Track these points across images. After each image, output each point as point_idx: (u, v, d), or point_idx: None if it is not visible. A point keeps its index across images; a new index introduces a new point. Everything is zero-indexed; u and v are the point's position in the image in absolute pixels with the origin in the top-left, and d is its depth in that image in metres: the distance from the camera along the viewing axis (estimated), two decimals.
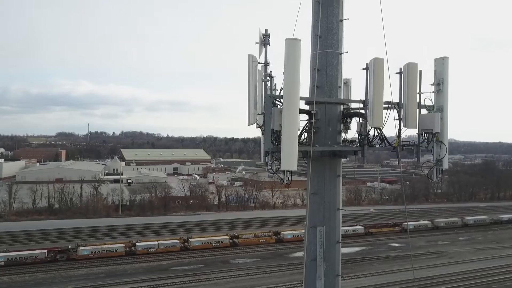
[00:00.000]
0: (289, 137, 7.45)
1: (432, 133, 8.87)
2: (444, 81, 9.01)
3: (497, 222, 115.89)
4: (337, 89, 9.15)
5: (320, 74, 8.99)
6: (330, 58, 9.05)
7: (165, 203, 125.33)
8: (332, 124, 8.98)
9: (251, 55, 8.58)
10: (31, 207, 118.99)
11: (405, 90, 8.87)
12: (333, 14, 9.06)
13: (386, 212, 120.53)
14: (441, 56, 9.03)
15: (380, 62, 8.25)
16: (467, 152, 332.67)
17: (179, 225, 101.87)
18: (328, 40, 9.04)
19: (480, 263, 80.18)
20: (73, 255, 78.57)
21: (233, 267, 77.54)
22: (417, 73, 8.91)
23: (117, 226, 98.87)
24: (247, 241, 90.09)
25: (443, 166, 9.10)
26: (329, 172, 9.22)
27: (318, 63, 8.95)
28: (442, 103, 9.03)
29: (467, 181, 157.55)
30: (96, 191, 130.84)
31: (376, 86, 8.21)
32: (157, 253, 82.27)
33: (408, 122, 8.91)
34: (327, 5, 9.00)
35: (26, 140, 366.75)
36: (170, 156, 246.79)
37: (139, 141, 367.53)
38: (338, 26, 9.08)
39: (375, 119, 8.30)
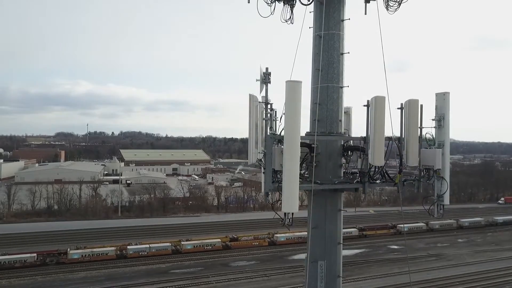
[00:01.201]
0: (290, 179, 7.39)
1: (434, 169, 8.85)
2: (445, 116, 8.97)
3: (492, 224, 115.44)
4: (337, 122, 9.12)
5: (321, 108, 8.96)
6: (330, 92, 9.02)
7: (164, 205, 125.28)
8: (333, 158, 8.95)
9: (252, 95, 8.56)
10: (30, 209, 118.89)
11: (406, 127, 8.83)
12: (334, 48, 9.03)
13: (385, 213, 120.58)
14: (442, 92, 8.99)
15: (381, 100, 8.22)
16: (466, 152, 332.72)
17: (178, 227, 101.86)
18: (328, 73, 9.01)
19: (479, 266, 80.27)
20: (62, 259, 77.81)
21: (232, 270, 77.53)
22: (418, 110, 8.88)
23: (116, 228, 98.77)
24: (240, 244, 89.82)
25: (444, 202, 9.07)
26: (330, 207, 9.19)
27: (318, 97, 8.93)
28: (443, 139, 8.99)
29: (466, 182, 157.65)
30: (95, 192, 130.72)
31: (378, 124, 8.17)
32: (148, 256, 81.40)
33: (409, 159, 8.88)
34: (328, 39, 8.97)
35: (25, 140, 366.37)
36: (169, 156, 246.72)
37: (138, 141, 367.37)
38: (338, 60, 9.05)
39: (376, 158, 8.27)
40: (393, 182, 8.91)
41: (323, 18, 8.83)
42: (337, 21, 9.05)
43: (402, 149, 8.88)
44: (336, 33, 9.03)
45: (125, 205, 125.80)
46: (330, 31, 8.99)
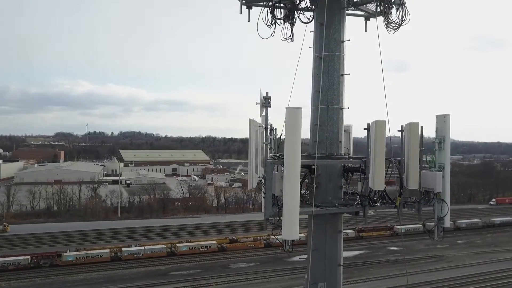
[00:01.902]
0: (290, 206, 7.35)
1: (434, 192, 8.81)
2: (445, 139, 8.94)
3: (489, 225, 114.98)
4: (337, 144, 9.09)
5: (321, 130, 8.94)
6: (330, 113, 8.99)
7: (164, 205, 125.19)
8: (333, 180, 8.93)
9: (252, 120, 8.52)
10: (29, 209, 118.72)
11: (406, 150, 8.79)
12: (334, 69, 9.00)
13: (385, 214, 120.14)
14: (443, 113, 8.95)
15: (382, 125, 8.19)
16: (466, 152, 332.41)
17: (178, 228, 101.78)
18: (328, 95, 8.98)
19: (479, 267, 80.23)
20: (56, 261, 77.30)
21: (232, 272, 77.52)
22: (419, 132, 8.84)
23: (116, 230, 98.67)
24: (236, 246, 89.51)
25: (444, 225, 9.04)
26: (330, 228, 9.16)
27: (319, 119, 8.89)
28: (444, 161, 8.96)
29: (466, 183, 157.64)
30: (94, 193, 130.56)
31: (378, 148, 8.14)
32: (143, 258, 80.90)
33: (409, 182, 8.85)
34: (328, 60, 8.94)
35: (24, 140, 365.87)
36: (169, 157, 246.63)
37: (138, 141, 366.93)
38: (339, 81, 9.02)
39: (377, 183, 8.24)
40: (394, 205, 8.89)
41: (324, 39, 8.79)
42: (337, 42, 9.02)
43: (403, 172, 8.85)
44: (336, 54, 9.00)
45: (124, 206, 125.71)
46: (330, 52, 8.96)
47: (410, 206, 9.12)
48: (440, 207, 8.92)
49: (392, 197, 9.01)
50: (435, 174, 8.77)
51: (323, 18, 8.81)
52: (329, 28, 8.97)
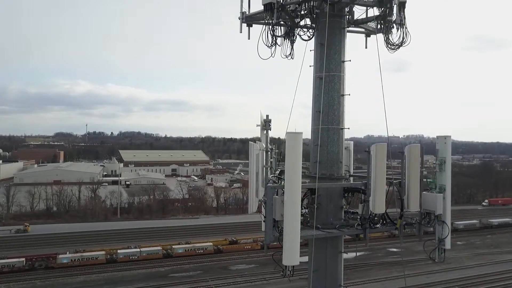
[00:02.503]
0: (291, 231, 7.32)
1: (435, 214, 8.78)
2: (446, 160, 8.91)
3: (487, 226, 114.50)
4: (338, 164, 9.06)
5: (322, 150, 8.90)
6: (331, 133, 8.96)
7: (164, 206, 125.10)
8: (333, 200, 8.89)
9: (252, 143, 8.49)
10: (29, 210, 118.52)
11: (407, 172, 8.76)
12: (334, 90, 8.96)
13: None
14: (444, 135, 8.92)
15: (382, 148, 8.16)
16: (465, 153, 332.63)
17: (178, 229, 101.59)
18: (329, 115, 8.94)
19: (479, 269, 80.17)
20: (51, 264, 76.81)
21: (231, 274, 77.47)
22: (419, 155, 8.82)
23: (115, 231, 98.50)
24: (232, 247, 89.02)
25: (445, 246, 9.01)
26: (331, 249, 9.12)
27: (319, 139, 8.85)
28: (444, 183, 8.94)
29: (465, 183, 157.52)
30: (94, 194, 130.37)
31: (378, 172, 8.12)
32: (139, 260, 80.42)
33: (410, 204, 8.82)
34: (329, 80, 8.90)
35: (24, 140, 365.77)
36: (169, 157, 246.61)
37: (137, 141, 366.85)
38: (339, 101, 8.99)
39: (377, 206, 8.22)
40: (395, 226, 8.86)
41: (324, 60, 8.76)
42: (338, 62, 8.98)
43: (403, 194, 8.82)
44: (337, 75, 8.96)
45: (124, 207, 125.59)
46: (330, 73, 8.92)
47: (411, 228, 9.09)
48: (441, 229, 8.89)
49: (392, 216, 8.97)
50: (436, 196, 8.74)
51: (323, 38, 8.77)
52: (330, 48, 8.93)
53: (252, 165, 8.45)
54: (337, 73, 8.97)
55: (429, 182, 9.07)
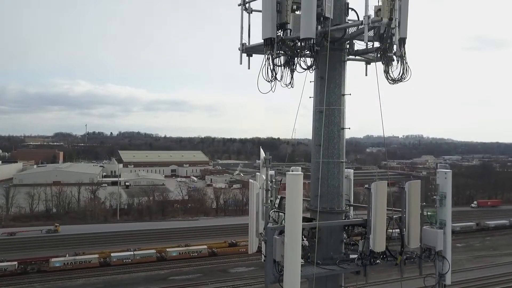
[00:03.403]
0: (291, 273, 7.29)
1: (435, 250, 8.74)
2: (446, 195, 8.88)
3: (484, 228, 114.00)
4: (339, 198, 9.02)
5: (322, 184, 8.86)
6: (331, 167, 8.93)
7: (163, 208, 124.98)
8: (334, 234, 8.86)
9: (252, 182, 8.45)
10: (28, 212, 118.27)
11: (407, 208, 8.73)
12: (334, 123, 8.93)
13: None
14: (444, 170, 8.88)
15: (383, 186, 8.13)
16: (465, 153, 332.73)
17: (177, 231, 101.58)
18: (329, 149, 8.91)
19: (478, 272, 79.97)
20: (44, 267, 76.15)
21: (231, 276, 77.47)
22: (419, 191, 8.78)
23: (115, 233, 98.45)
24: (226, 250, 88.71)
25: (446, 282, 8.97)
26: (331, 284, 9.09)
27: (320, 173, 8.82)
28: (445, 218, 8.91)
29: (465, 184, 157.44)
30: (94, 195, 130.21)
31: (379, 209, 8.09)
32: (133, 264, 79.62)
33: (410, 240, 8.80)
34: (329, 114, 8.87)
35: (23, 140, 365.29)
36: (168, 157, 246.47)
37: (137, 141, 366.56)
38: (339, 135, 8.95)
39: (377, 244, 8.19)
40: (395, 262, 8.82)
41: (325, 93, 8.72)
42: (337, 96, 8.95)
43: (404, 229, 8.79)
44: (337, 108, 8.94)
45: (123, 208, 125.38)
46: (330, 107, 8.89)
47: (411, 263, 9.05)
48: (441, 264, 8.85)
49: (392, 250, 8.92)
50: (437, 232, 8.71)
51: (323, 72, 8.74)
52: (330, 82, 8.90)
53: (252, 205, 8.42)
54: (337, 106, 8.94)
55: (429, 215, 9.03)
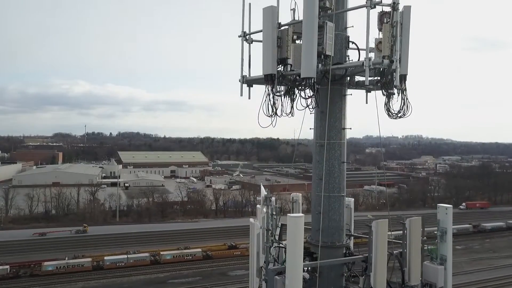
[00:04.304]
0: None
1: (437, 287, 8.71)
2: (447, 231, 8.85)
3: (480, 231, 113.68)
4: (339, 232, 9.00)
5: (323, 218, 8.84)
6: (332, 201, 8.90)
7: (162, 209, 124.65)
8: (335, 269, 8.83)
9: (253, 223, 8.43)
10: (27, 213, 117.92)
11: (408, 244, 8.70)
12: (335, 157, 8.90)
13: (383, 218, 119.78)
14: (445, 205, 8.86)
15: (384, 224, 8.11)
16: (464, 153, 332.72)
17: (177, 234, 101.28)
18: (330, 183, 8.88)
19: (477, 275, 79.92)
20: (36, 271, 75.28)
21: (231, 280, 77.26)
22: (420, 228, 8.76)
23: (114, 235, 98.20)
24: (221, 254, 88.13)
25: None
26: None
27: (322, 207, 8.79)
28: (445, 253, 8.87)
29: (464, 185, 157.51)
30: (93, 196, 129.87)
31: (380, 248, 8.06)
32: (126, 267, 78.95)
33: (411, 276, 8.76)
34: (329, 148, 8.84)
35: (22, 141, 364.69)
36: (168, 158, 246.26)
37: (136, 142, 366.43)
38: (339, 169, 8.92)
39: (378, 283, 8.15)
40: None
41: (326, 128, 8.69)
42: (338, 130, 8.92)
43: (404, 265, 8.76)
44: (337, 142, 8.90)
45: (123, 209, 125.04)
46: (331, 141, 8.86)
47: None
48: None
49: None
50: (437, 269, 8.69)
51: (324, 106, 8.72)
52: (330, 116, 8.87)
53: (253, 246, 8.38)
54: (337, 140, 8.91)
55: (430, 250, 9.00)
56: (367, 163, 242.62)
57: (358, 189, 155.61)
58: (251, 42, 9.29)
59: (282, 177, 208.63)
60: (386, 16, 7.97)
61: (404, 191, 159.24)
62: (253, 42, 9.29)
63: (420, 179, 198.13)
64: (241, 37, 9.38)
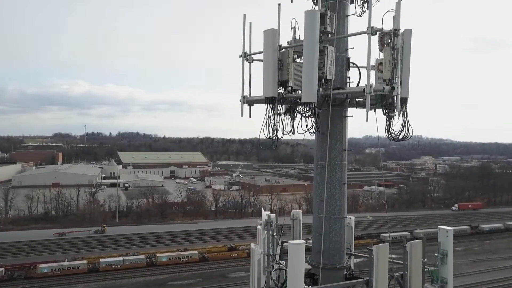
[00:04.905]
0: None
1: None
2: (448, 253, 8.84)
3: (478, 232, 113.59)
4: (340, 254, 8.98)
5: (324, 239, 8.82)
6: (333, 223, 8.89)
7: (162, 210, 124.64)
8: None
9: (254, 248, 8.41)
10: (27, 214, 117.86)
11: (409, 267, 8.69)
12: (336, 179, 8.88)
13: (383, 219, 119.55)
14: (446, 227, 8.84)
15: (385, 249, 8.09)
16: (464, 153, 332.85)
17: (176, 235, 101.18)
18: (331, 205, 8.86)
19: (477, 277, 79.93)
20: (31, 274, 74.67)
21: (230, 282, 77.34)
22: (421, 251, 8.74)
23: (113, 237, 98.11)
24: (217, 256, 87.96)
25: None
26: None
27: (323, 228, 8.77)
28: (446, 276, 8.85)
29: (464, 186, 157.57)
30: (92, 198, 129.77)
31: (381, 271, 8.04)
32: (122, 269, 78.36)
33: None
34: (330, 170, 8.82)
35: (22, 141, 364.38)
36: (167, 159, 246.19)
37: (136, 142, 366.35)
38: (340, 190, 8.91)
39: None
40: None
41: (327, 149, 8.67)
42: (338, 151, 8.90)
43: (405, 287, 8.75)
44: (338, 164, 8.88)
45: (122, 210, 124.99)
46: (332, 162, 8.84)
47: None
48: None
49: None
50: None
51: (324, 128, 8.69)
52: (331, 138, 8.85)
53: (253, 271, 8.36)
54: (338, 162, 8.90)
55: (431, 272, 8.98)
56: (367, 163, 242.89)
57: (357, 190, 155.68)
58: (251, 62, 9.28)
59: (282, 177, 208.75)
60: (387, 36, 7.95)
61: (403, 192, 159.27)
62: (253, 61, 9.27)
63: (419, 180, 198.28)
64: (241, 57, 9.36)
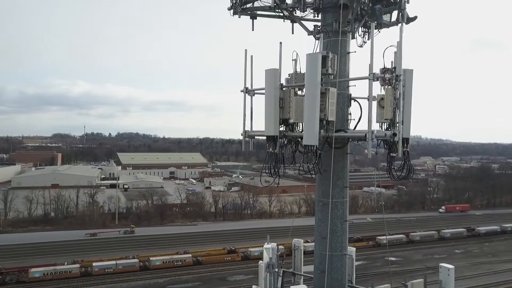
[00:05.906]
0: None
1: None
2: None
3: (474, 235, 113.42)
4: None
5: (326, 277, 8.81)
6: (335, 260, 8.89)
7: (162, 212, 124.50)
8: None
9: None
10: (26, 216, 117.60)
11: None
12: (337, 216, 8.93)
13: (382, 221, 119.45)
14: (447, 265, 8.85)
15: None
16: (463, 154, 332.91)
17: (176, 237, 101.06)
18: (332, 242, 8.88)
19: (477, 280, 79.87)
20: (23, 278, 73.52)
21: (230, 285, 77.32)
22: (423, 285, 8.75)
23: (113, 239, 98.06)
24: (212, 259, 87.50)
25: None
26: None
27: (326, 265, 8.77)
28: None
29: (463, 187, 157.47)
30: (92, 199, 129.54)
31: None
32: (114, 273, 77.66)
33: None
34: (332, 207, 8.80)
35: (21, 141, 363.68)
36: (167, 160, 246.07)
37: (136, 143, 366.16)
38: (342, 228, 8.96)
39: None
40: None
41: (331, 187, 8.68)
42: (340, 188, 8.91)
43: None
44: (340, 201, 8.88)
45: (122, 212, 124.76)
46: (333, 200, 8.84)
47: None
48: None
49: None
50: None
51: (327, 165, 8.69)
52: (333, 175, 8.85)
53: None
54: (340, 199, 8.90)
55: None
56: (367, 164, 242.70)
57: (357, 191, 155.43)
58: (253, 95, 9.28)
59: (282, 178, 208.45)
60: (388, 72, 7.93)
61: (403, 193, 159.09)
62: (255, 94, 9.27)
63: (419, 181, 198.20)
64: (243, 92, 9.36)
